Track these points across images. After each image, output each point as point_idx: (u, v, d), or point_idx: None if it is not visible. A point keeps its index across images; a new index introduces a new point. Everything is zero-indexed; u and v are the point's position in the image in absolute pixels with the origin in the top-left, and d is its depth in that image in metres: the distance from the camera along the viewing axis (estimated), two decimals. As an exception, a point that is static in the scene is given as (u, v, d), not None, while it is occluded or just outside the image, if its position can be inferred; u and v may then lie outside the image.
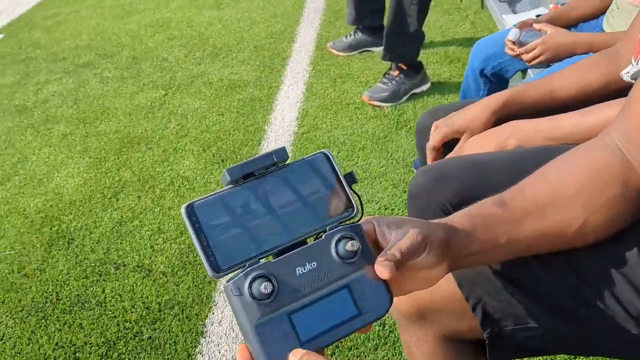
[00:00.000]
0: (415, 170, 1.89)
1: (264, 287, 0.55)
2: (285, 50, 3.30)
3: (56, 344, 1.55)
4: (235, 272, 0.57)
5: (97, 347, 1.54)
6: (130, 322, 1.60)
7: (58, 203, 2.14)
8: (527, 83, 1.16)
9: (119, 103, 2.85)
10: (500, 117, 1.12)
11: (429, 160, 1.15)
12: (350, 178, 0.63)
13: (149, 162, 2.34)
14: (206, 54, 3.33)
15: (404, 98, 2.64)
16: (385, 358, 1.45)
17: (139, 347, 1.53)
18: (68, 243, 1.93)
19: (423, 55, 2.95)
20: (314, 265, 0.58)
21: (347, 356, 1.46)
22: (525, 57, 1.50)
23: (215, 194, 0.59)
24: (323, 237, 0.59)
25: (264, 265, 0.57)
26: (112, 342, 1.55)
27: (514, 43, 1.52)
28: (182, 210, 0.57)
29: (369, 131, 2.44)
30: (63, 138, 2.58)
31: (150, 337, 1.56)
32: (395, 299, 0.85)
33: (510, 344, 0.78)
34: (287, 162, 0.62)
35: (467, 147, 1.10)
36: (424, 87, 2.73)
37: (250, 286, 0.55)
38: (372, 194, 2.05)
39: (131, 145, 2.47)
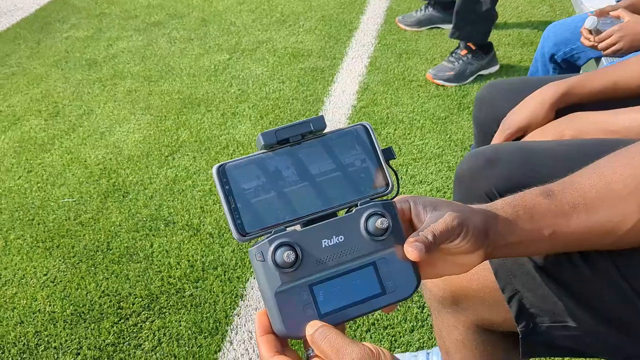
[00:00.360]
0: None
1: (287, 256, 0.54)
2: (353, 22, 3.25)
3: (102, 291, 1.61)
4: (261, 237, 0.56)
5: (140, 299, 1.58)
6: (174, 278, 1.64)
7: (117, 157, 2.20)
8: (588, 73, 1.09)
9: (184, 64, 2.89)
10: (560, 109, 1.06)
11: None
12: (389, 153, 0.61)
13: (207, 124, 2.37)
14: (273, 20, 3.32)
15: (470, 79, 2.56)
16: (420, 340, 1.43)
17: (179, 303, 1.57)
18: (123, 196, 1.99)
19: (494, 36, 2.85)
20: (341, 239, 0.56)
21: (382, 335, 1.45)
22: (600, 45, 1.41)
23: (248, 157, 0.58)
24: (354, 211, 0.58)
25: (290, 233, 0.56)
26: (155, 296, 1.59)
27: (590, 32, 1.43)
28: (213, 170, 0.56)
29: (430, 110, 2.38)
30: (128, 94, 2.65)
31: (191, 295, 1.59)
32: (429, 283, 0.83)
33: (545, 340, 0.74)
34: (325, 132, 0.60)
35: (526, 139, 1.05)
36: (492, 69, 2.63)
37: (274, 253, 0.54)
38: (425, 175, 2.00)
39: (192, 106, 2.51)
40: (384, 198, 0.60)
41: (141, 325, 1.51)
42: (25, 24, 3.51)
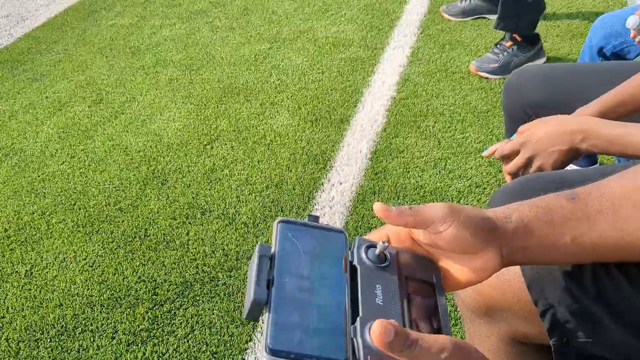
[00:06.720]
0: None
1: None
2: (396, 11, 3.20)
3: (139, 277, 1.64)
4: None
5: (175, 286, 1.60)
6: (209, 267, 1.66)
7: (157, 144, 2.23)
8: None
9: (224, 53, 2.90)
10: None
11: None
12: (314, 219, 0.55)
13: (246, 114, 2.37)
14: (315, 9, 3.30)
15: (514, 71, 2.49)
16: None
17: (213, 292, 1.58)
18: (161, 184, 2.02)
19: (542, 27, 2.77)
20: (379, 287, 0.51)
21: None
22: None
23: None
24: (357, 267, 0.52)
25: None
26: (189, 283, 1.61)
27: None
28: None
29: (472, 103, 2.32)
30: (169, 82, 2.68)
31: (224, 283, 1.60)
32: (461, 292, 0.80)
33: (580, 353, 0.71)
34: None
35: (535, 130, 1.00)
36: (538, 62, 2.55)
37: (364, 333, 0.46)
38: (464, 170, 1.96)
39: (231, 96, 2.52)
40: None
41: (175, 312, 1.53)
42: (72, 12, 3.59)
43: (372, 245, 0.53)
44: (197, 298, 1.57)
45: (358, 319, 0.46)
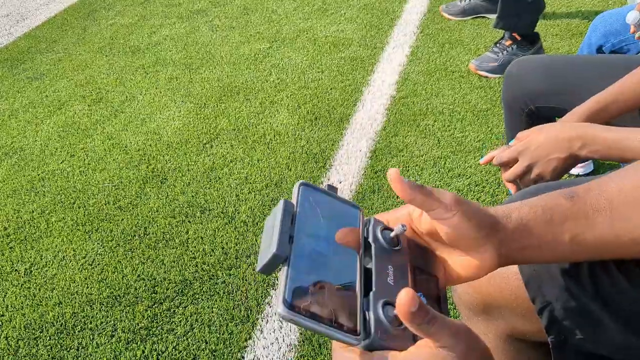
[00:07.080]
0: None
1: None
2: (396, 11, 3.20)
3: (138, 275, 1.64)
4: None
5: (174, 284, 1.61)
6: (208, 265, 1.66)
7: (157, 143, 2.23)
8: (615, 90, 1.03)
9: (224, 52, 2.91)
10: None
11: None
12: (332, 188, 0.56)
13: (245, 113, 2.38)
14: (315, 8, 3.30)
15: (514, 70, 2.49)
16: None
17: (212, 290, 1.58)
18: (161, 182, 2.02)
19: (542, 26, 2.77)
20: (390, 268, 0.52)
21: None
22: None
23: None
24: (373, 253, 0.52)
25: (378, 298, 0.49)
26: (188, 281, 1.61)
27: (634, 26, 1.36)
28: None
29: (471, 102, 2.33)
30: (169, 81, 2.68)
31: (224, 282, 1.60)
32: (459, 289, 0.80)
33: (578, 350, 0.71)
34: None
35: (534, 139, 0.99)
36: (538, 61, 2.55)
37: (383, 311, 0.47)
38: (464, 168, 1.96)
39: (231, 95, 2.52)
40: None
41: (174, 310, 1.53)
42: (72, 11, 3.59)
43: (387, 228, 0.53)
44: (197, 296, 1.57)
45: (371, 293, 0.47)
